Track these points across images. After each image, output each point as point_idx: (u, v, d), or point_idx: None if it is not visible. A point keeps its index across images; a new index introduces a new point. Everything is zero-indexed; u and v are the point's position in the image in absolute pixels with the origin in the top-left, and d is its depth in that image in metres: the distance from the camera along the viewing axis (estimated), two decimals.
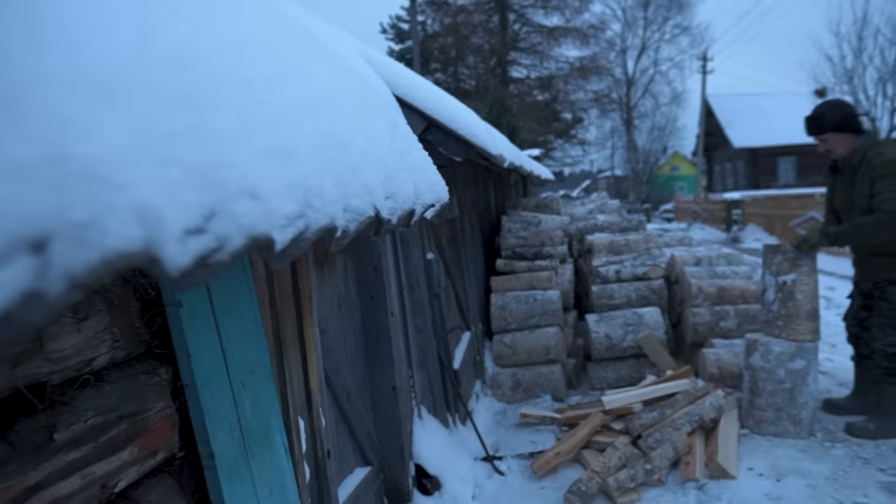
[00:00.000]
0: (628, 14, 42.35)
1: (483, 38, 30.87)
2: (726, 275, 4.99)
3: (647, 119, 42.70)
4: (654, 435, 3.52)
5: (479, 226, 5.84)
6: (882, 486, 3.09)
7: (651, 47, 42.22)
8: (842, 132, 3.73)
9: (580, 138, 33.40)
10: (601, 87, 35.09)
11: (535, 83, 31.68)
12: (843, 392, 4.62)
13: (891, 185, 3.50)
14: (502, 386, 4.74)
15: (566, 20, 30.88)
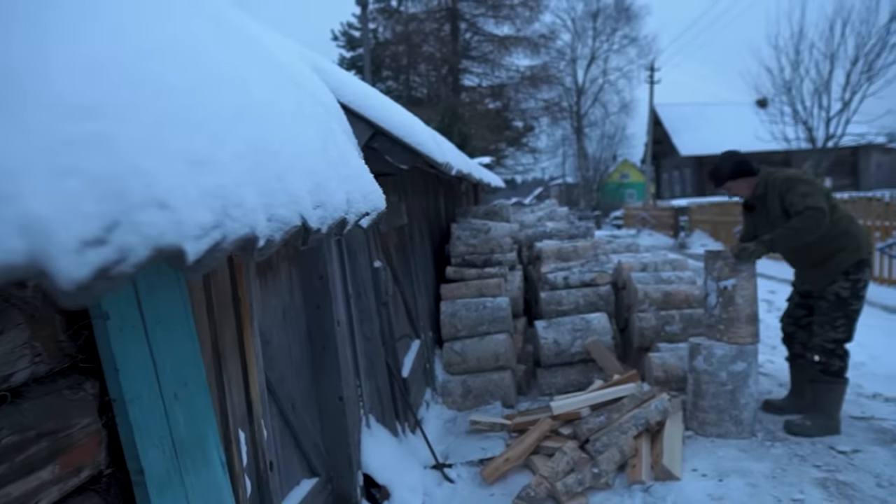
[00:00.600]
0: (578, 24, 43.08)
1: (435, 46, 31.00)
2: (671, 280, 5.11)
3: (597, 127, 43.44)
4: (602, 439, 3.57)
5: (429, 233, 5.84)
6: (817, 483, 3.20)
7: (600, 57, 43.01)
8: (738, 178, 4.06)
9: (531, 146, 33.80)
10: (552, 96, 35.56)
11: (486, 91, 31.94)
12: (784, 392, 4.77)
13: (799, 190, 3.76)
14: (452, 393, 4.74)
15: (517, 30, 31.26)
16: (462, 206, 8.78)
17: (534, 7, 31.39)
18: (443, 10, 31.08)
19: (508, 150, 32.93)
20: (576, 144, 42.62)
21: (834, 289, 3.83)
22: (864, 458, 3.50)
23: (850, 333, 3.87)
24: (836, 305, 3.83)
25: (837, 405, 3.89)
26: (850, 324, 3.85)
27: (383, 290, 3.72)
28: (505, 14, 31.43)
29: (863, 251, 3.83)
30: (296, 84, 1.50)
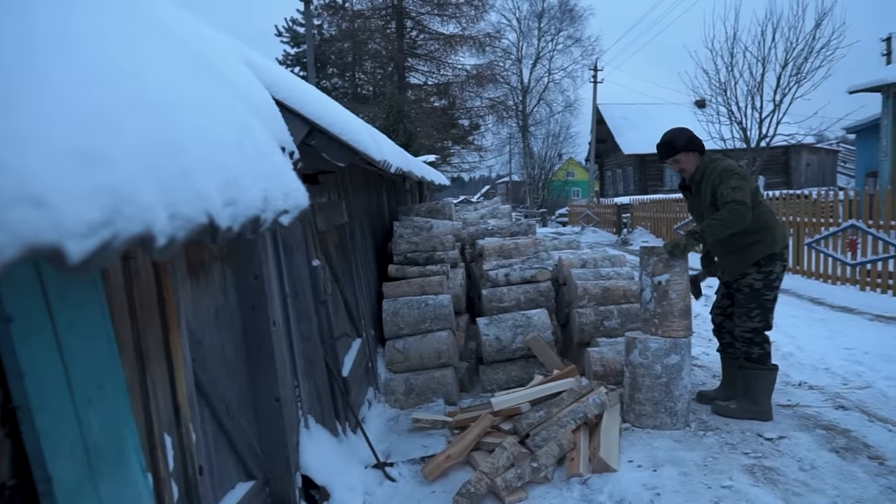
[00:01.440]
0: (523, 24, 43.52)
1: (380, 43, 30.85)
2: (610, 276, 5.21)
3: (543, 126, 43.99)
4: (541, 433, 3.62)
5: (372, 231, 5.80)
6: (745, 469, 3.31)
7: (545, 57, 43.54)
8: (690, 152, 4.15)
9: (477, 144, 34.00)
10: (497, 95, 35.82)
11: (432, 89, 31.97)
12: (718, 383, 4.93)
13: (730, 183, 3.89)
14: (395, 392, 4.73)
15: (462, 28, 31.36)
16: (408, 203, 8.77)
17: (479, 6, 31.54)
18: (388, 7, 30.95)
19: (454, 148, 33.05)
20: (521, 143, 43.06)
21: (748, 281, 4.02)
22: (788, 443, 3.64)
23: (766, 322, 4.05)
24: (751, 297, 4.01)
25: (765, 392, 4.04)
26: (765, 313, 4.03)
27: (322, 288, 3.67)
28: (450, 13, 31.50)
29: (777, 245, 4.01)
30: (216, 78, 1.46)
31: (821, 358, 5.59)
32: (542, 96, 43.54)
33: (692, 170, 4.17)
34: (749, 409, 4.03)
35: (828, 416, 4.15)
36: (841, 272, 9.72)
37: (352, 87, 31.94)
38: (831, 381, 5.02)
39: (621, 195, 32.45)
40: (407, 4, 30.92)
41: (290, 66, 31.41)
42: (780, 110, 16.74)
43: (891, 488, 3.12)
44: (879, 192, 9.30)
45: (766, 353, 4.06)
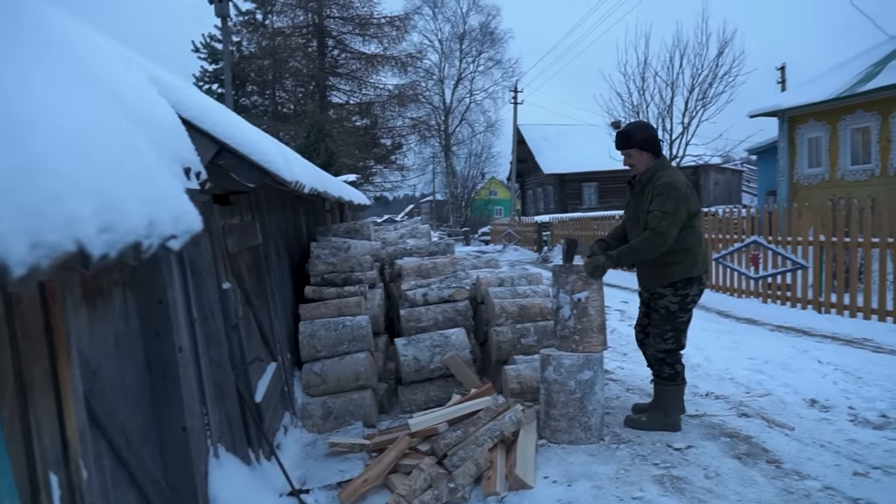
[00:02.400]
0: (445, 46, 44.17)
1: (301, 61, 30.60)
2: (527, 294, 5.30)
3: (465, 145, 44.63)
4: (459, 453, 3.62)
5: (288, 252, 5.70)
6: (655, 480, 3.41)
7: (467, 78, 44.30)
8: (644, 151, 4.13)
9: (399, 164, 34.11)
10: (420, 115, 36.13)
11: (354, 109, 31.91)
12: (632, 396, 5.08)
13: (663, 203, 3.90)
14: (313, 416, 4.63)
15: (384, 48, 31.53)
16: (327, 224, 8.67)
17: (401, 27, 31.83)
18: (310, 25, 30.77)
19: (377, 168, 33.02)
20: (444, 162, 43.46)
21: (664, 303, 4.10)
22: (695, 452, 3.78)
23: (678, 343, 4.13)
24: (666, 318, 4.10)
25: (674, 405, 4.18)
26: (678, 335, 4.12)
27: (233, 312, 3.57)
28: (372, 32, 31.62)
29: (696, 270, 4.06)
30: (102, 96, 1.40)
31: (726, 368, 5.85)
32: (464, 116, 44.23)
33: (642, 169, 4.14)
34: (659, 422, 4.15)
35: (732, 424, 4.33)
36: (745, 285, 10.23)
37: (272, 105, 31.46)
38: (735, 389, 5.26)
39: (542, 213, 33.17)
40: (328, 24, 30.84)
41: (207, 82, 30.66)
42: (689, 132, 17.61)
43: (786, 490, 3.28)
44: (777, 210, 9.88)
45: (676, 373, 4.16)
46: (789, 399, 4.96)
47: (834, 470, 3.56)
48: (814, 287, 8.90)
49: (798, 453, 3.81)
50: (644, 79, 18.14)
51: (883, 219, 7.93)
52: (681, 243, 3.99)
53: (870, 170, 15.79)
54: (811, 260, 8.98)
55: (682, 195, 3.95)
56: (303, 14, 30.45)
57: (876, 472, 3.52)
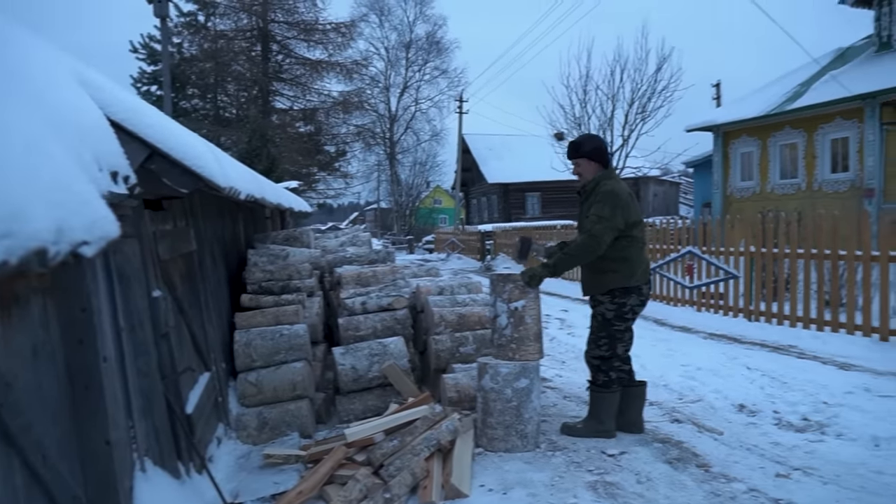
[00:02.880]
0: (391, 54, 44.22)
1: (245, 65, 30.08)
2: (466, 303, 5.32)
3: (410, 154, 44.69)
4: (395, 463, 3.59)
5: (225, 260, 5.58)
6: (589, 486, 3.46)
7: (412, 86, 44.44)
8: (593, 161, 4.23)
9: (343, 171, 33.86)
10: (365, 122, 36.00)
11: (298, 115, 31.54)
12: (569, 404, 5.15)
13: (600, 209, 3.98)
14: (248, 427, 4.53)
15: (329, 55, 31.29)
16: (267, 231, 8.52)
17: (346, 34, 31.67)
18: (254, 29, 30.31)
19: (320, 175, 32.69)
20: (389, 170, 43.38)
21: (601, 309, 4.19)
22: (628, 458, 3.86)
23: (613, 351, 4.19)
24: (602, 325, 4.19)
25: (608, 412, 4.22)
26: (613, 343, 4.18)
27: (163, 320, 3.47)
28: (317, 38, 31.35)
29: (634, 280, 4.11)
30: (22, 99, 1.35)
31: (661, 375, 6.00)
32: (409, 125, 44.31)
33: (588, 178, 4.24)
34: (595, 429, 4.22)
35: (664, 430, 4.44)
36: (681, 294, 10.53)
37: (214, 109, 30.82)
38: (669, 396, 5.40)
39: (486, 223, 33.44)
40: (273, 28, 30.44)
41: (146, 84, 29.82)
42: (629, 145, 18.06)
43: (714, 493, 3.38)
44: (711, 222, 10.22)
45: (610, 380, 4.20)
46: (719, 404, 5.11)
47: (759, 472, 3.69)
48: (745, 296, 9.22)
49: (726, 457, 3.93)
50: (586, 92, 18.58)
51: (808, 231, 8.29)
52: (619, 251, 4.06)
53: (797, 184, 16.51)
54: (742, 270, 9.31)
55: (620, 203, 4.02)
56: (246, 17, 29.98)
57: (797, 473, 3.67)
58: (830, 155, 15.67)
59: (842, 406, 4.90)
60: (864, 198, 14.24)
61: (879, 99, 13.88)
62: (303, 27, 30.70)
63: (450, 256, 25.04)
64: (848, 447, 4.16)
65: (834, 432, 4.43)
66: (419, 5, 43.72)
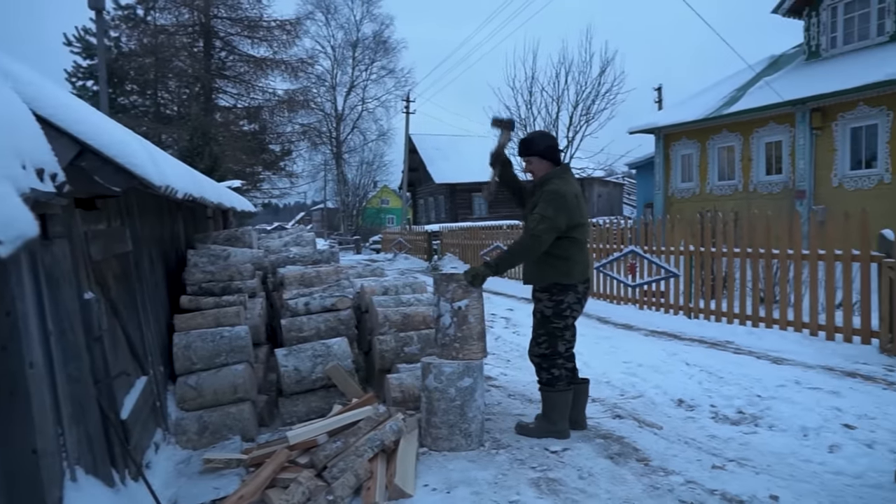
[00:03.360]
0: (338, 52, 43.88)
1: (186, 62, 29.35)
2: (410, 302, 5.31)
3: (357, 154, 44.40)
4: (339, 465, 3.56)
5: (163, 260, 5.43)
6: (532, 483, 3.50)
7: (359, 86, 44.19)
8: (545, 159, 4.24)
9: (289, 170, 33.37)
10: (311, 121, 35.59)
11: (242, 113, 30.96)
12: (513, 402, 5.19)
13: (544, 208, 3.99)
14: (187, 431, 4.41)
15: (274, 52, 30.81)
16: (208, 231, 8.33)
17: (292, 31, 31.27)
18: (196, 24, 29.61)
19: (265, 174, 32.15)
20: (335, 170, 43.00)
21: (539, 307, 4.23)
22: (571, 454, 3.92)
23: (553, 349, 4.20)
24: (541, 323, 4.22)
25: (559, 412, 4.21)
26: (553, 340, 4.20)
27: (96, 324, 3.35)
28: (262, 35, 30.85)
29: (572, 277, 4.13)
30: None
31: (603, 372, 6.11)
32: (356, 124, 44.02)
33: (538, 177, 4.26)
34: (546, 430, 4.23)
35: (606, 426, 4.52)
36: (624, 293, 10.75)
37: (154, 106, 29.96)
38: (611, 392, 5.50)
39: (433, 223, 33.52)
40: (216, 24, 29.80)
41: (81, 78, 28.79)
42: (573, 146, 18.32)
43: (653, 486, 3.46)
44: (653, 222, 10.47)
45: (553, 378, 4.20)
46: (659, 400, 5.24)
47: (695, 464, 3.79)
48: (684, 294, 9.48)
49: (665, 450, 4.03)
50: (531, 93, 18.78)
51: (743, 231, 8.58)
52: (559, 250, 4.09)
53: (734, 185, 17.06)
54: (682, 269, 9.58)
55: (565, 204, 4.02)
56: (188, 12, 29.27)
57: (731, 465, 3.79)
58: (765, 158, 16.26)
59: (774, 399, 5.09)
60: (795, 199, 14.83)
61: (809, 105, 14.47)
62: (247, 24, 30.16)
63: (397, 256, 24.98)
64: (779, 438, 4.33)
65: (766, 424, 4.60)
66: (366, 4, 43.57)
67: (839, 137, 14.37)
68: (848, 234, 7.21)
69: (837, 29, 15.58)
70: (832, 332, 7.27)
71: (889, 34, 14.47)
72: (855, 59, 14.61)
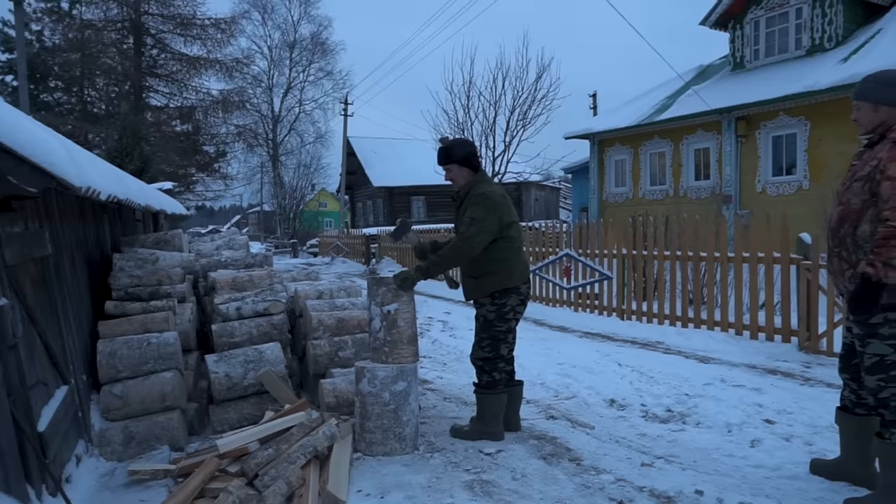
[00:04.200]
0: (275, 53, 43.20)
1: (115, 59, 28.30)
2: (345, 306, 5.25)
3: (294, 156, 43.78)
4: (270, 472, 3.49)
5: (87, 264, 5.21)
6: (465, 485, 3.51)
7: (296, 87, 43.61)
8: (464, 167, 4.25)
9: (223, 172, 32.58)
10: (247, 122, 34.90)
11: (174, 113, 30.04)
12: (449, 405, 5.21)
13: (475, 212, 4.02)
14: (112, 442, 4.25)
15: (208, 51, 30.06)
16: (140, 234, 8.04)
17: (227, 30, 30.59)
18: (125, 20, 28.61)
19: (198, 176, 31.30)
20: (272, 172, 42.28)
21: (482, 311, 4.25)
22: (505, 456, 3.95)
23: (496, 352, 4.24)
24: (484, 327, 4.25)
25: (493, 415, 4.24)
26: (496, 343, 4.23)
27: (10, 331, 3.18)
28: (196, 34, 30.06)
29: (513, 280, 4.17)
30: None
31: (538, 374, 6.19)
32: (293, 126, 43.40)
33: (461, 184, 4.26)
34: (481, 432, 4.26)
35: (540, 427, 4.58)
36: (559, 295, 10.94)
37: (80, 103, 28.76)
38: (545, 393, 5.58)
39: (372, 226, 33.35)
40: (147, 20, 28.87)
41: (1, 74, 27.41)
42: (510, 150, 18.55)
43: (584, 485, 3.52)
44: (587, 225, 10.70)
45: (493, 381, 4.23)
46: (592, 400, 5.35)
47: (625, 462, 3.89)
48: (618, 296, 9.72)
49: (596, 450, 4.11)
50: (469, 97, 18.91)
51: (674, 234, 8.86)
52: (497, 253, 4.12)
53: (665, 190, 17.61)
54: (615, 271, 9.82)
55: (494, 205, 4.08)
56: (117, 7, 28.26)
57: (660, 462, 3.90)
58: (694, 163, 16.86)
59: (701, 397, 5.27)
60: (722, 204, 15.42)
61: (734, 114, 15.09)
62: (179, 21, 29.33)
63: (334, 260, 24.74)
64: (705, 434, 4.48)
65: (693, 421, 4.75)
66: (304, 5, 43.11)
67: (762, 145, 15.03)
68: (770, 238, 7.54)
69: (760, 42, 16.30)
70: (755, 332, 7.59)
71: (806, 48, 15.23)
72: (776, 71, 15.31)
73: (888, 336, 3.04)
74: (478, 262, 4.15)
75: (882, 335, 3.06)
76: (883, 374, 3.09)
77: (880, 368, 3.10)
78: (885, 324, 3.03)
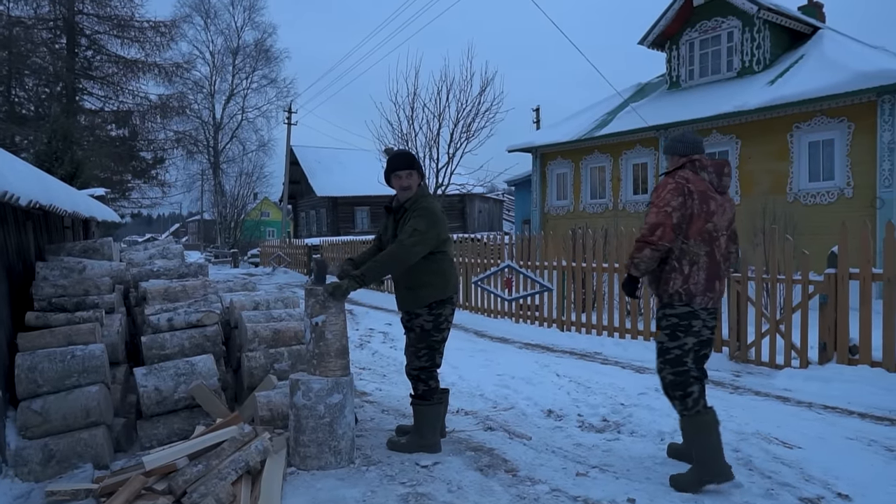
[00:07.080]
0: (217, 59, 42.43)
1: (46, 59, 27.18)
2: (282, 318, 5.16)
3: (236, 164, 43.00)
4: (199, 489, 3.37)
5: (7, 274, 4.96)
6: (401, 498, 3.47)
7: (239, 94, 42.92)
8: (420, 175, 4.32)
9: (161, 179, 31.63)
10: (187, 128, 34.03)
11: (109, 117, 29.02)
12: (387, 417, 5.16)
13: (419, 224, 4.05)
14: (29, 462, 4.03)
15: (146, 55, 29.18)
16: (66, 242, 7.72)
17: (166, 34, 29.76)
18: (58, 19, 27.51)
19: (135, 183, 30.30)
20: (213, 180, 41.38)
21: (419, 322, 4.24)
22: (441, 468, 3.94)
23: (433, 361, 4.26)
24: (421, 337, 4.24)
25: (430, 426, 4.23)
26: (433, 353, 4.25)
27: None
28: (133, 36, 29.13)
29: (448, 290, 4.24)
30: None
31: (477, 385, 6.20)
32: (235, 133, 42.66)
33: (408, 193, 4.26)
34: (417, 444, 4.23)
35: (477, 438, 4.59)
36: (500, 307, 11.02)
37: (7, 104, 27.48)
38: (484, 405, 5.59)
39: (315, 236, 32.97)
40: (81, 20, 27.84)
41: None
42: (454, 162, 18.61)
43: (520, 496, 3.53)
44: (528, 238, 10.83)
45: (430, 390, 4.25)
46: (530, 411, 5.38)
47: (561, 472, 3.92)
48: (557, 307, 9.86)
49: (532, 460, 4.14)
50: (413, 109, 18.87)
51: (612, 247, 9.05)
52: (435, 265, 4.18)
53: (605, 203, 18.00)
54: (556, 283, 9.95)
55: (437, 220, 4.16)
56: (48, 5, 27.15)
57: (594, 471, 3.95)
58: (633, 178, 17.30)
59: (636, 406, 5.37)
60: None
61: (671, 130, 15.56)
62: (116, 22, 28.38)
63: (276, 270, 24.34)
64: (639, 443, 4.56)
65: (628, 430, 4.84)
66: (248, 11, 42.53)
67: None
68: None
69: (694, 63, 16.90)
70: None
71: (737, 70, 15.87)
72: (709, 91, 15.89)
73: (664, 327, 3.83)
74: (416, 274, 4.17)
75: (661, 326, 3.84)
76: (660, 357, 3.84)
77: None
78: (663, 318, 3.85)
